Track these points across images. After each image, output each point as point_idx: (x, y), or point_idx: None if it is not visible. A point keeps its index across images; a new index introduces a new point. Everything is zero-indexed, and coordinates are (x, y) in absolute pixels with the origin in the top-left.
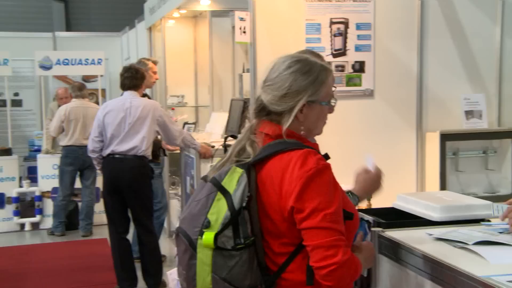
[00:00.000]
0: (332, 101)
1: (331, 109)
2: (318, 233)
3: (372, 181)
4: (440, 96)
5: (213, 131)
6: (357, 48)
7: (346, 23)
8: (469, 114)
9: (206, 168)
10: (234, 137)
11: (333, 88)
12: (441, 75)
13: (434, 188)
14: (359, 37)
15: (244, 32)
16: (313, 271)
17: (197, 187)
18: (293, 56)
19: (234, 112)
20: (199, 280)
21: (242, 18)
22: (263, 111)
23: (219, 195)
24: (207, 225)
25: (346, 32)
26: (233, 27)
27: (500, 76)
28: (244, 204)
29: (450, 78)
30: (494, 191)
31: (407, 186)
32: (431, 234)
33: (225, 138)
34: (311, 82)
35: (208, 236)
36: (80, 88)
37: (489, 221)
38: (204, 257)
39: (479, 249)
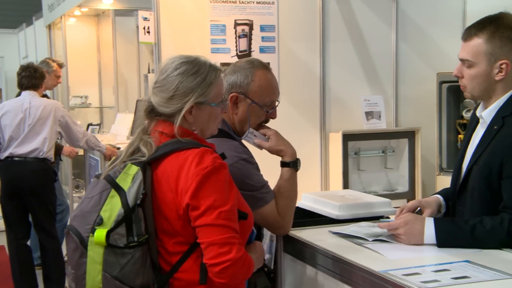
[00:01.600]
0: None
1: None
2: (213, 230)
3: None
4: (342, 97)
5: (118, 132)
6: (262, 50)
7: (250, 25)
8: (369, 115)
9: None
10: None
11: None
12: (343, 77)
13: (337, 187)
14: (263, 38)
15: (148, 32)
16: (207, 268)
17: (91, 185)
18: (182, 57)
19: (140, 113)
20: (89, 279)
21: (146, 18)
22: (152, 113)
23: (113, 192)
24: (100, 222)
25: (250, 34)
26: (138, 27)
27: (396, 79)
28: (138, 202)
29: (351, 80)
30: (392, 189)
31: (312, 185)
32: (333, 232)
33: None
34: (198, 84)
35: (100, 233)
36: None
37: (388, 217)
38: (95, 255)
39: (376, 246)
